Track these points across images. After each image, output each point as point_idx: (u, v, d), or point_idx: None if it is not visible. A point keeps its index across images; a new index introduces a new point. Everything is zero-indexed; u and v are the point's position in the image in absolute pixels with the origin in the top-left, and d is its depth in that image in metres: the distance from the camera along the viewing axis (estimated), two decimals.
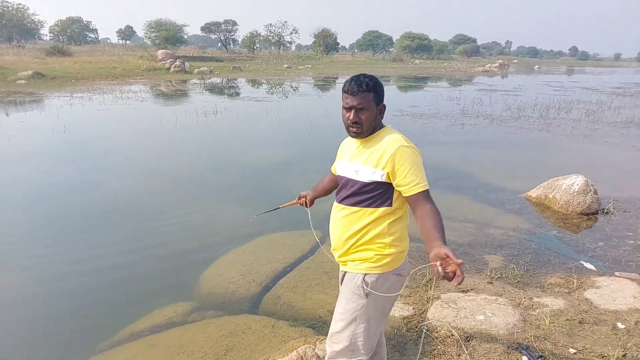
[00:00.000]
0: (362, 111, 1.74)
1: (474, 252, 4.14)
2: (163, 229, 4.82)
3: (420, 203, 1.68)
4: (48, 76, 20.82)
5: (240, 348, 2.74)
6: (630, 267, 3.86)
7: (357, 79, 1.75)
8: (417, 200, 1.68)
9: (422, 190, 1.67)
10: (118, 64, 27.80)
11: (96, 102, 14.09)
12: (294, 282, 3.57)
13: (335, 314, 1.89)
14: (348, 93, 1.75)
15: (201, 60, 36.73)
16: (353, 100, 1.74)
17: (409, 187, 1.68)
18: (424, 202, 1.67)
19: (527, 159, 8.32)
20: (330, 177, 2.21)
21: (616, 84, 29.63)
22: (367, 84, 1.74)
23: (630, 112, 14.07)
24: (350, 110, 1.76)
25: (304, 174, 6.74)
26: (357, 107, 1.74)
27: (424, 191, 1.68)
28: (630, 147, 9.13)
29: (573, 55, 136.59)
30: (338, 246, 1.88)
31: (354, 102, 1.74)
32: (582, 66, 73.94)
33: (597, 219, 5.04)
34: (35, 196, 5.66)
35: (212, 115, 12.18)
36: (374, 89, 1.75)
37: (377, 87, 1.77)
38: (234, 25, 60.01)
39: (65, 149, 8.22)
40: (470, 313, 2.99)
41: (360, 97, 1.73)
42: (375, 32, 74.01)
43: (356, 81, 1.74)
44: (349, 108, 1.76)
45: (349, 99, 1.75)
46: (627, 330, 2.83)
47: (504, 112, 13.80)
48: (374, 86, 1.75)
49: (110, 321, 3.16)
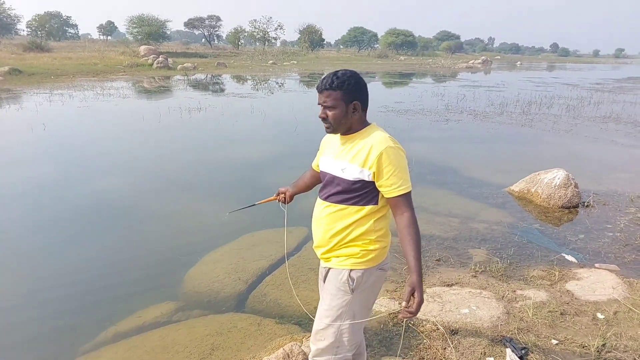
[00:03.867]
0: (329, 109, 1.75)
1: (458, 246, 4.18)
2: (146, 228, 4.76)
3: (399, 208, 1.69)
4: (26, 72, 20.29)
5: (226, 347, 2.72)
6: (610, 258, 3.96)
7: (328, 76, 1.74)
8: (397, 203, 1.69)
9: (403, 193, 1.68)
10: (99, 60, 27.28)
11: (77, 99, 13.80)
12: (280, 279, 3.56)
13: (320, 310, 1.88)
14: (317, 89, 1.78)
15: (185, 56, 36.27)
16: (320, 97, 1.76)
17: (391, 189, 1.68)
18: (403, 208, 1.68)
19: (510, 153, 8.44)
20: (311, 172, 2.19)
21: (595, 79, 30.27)
22: (333, 81, 1.71)
23: (608, 107, 14.39)
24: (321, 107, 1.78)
25: (293, 170, 6.70)
26: (323, 105, 1.76)
27: (405, 194, 1.68)
28: (609, 141, 9.33)
29: (554, 51, 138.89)
30: (322, 243, 1.86)
31: (320, 99, 1.76)
32: (563, 62, 75.25)
33: (577, 212, 5.14)
34: (14, 196, 5.52)
35: (197, 111, 12.05)
36: (341, 87, 1.70)
37: (347, 84, 1.70)
38: (218, 20, 59.46)
39: (45, 147, 8.03)
40: (455, 306, 3.03)
41: (325, 94, 1.73)
42: (361, 29, 74.13)
43: (326, 78, 1.74)
44: (319, 104, 1.79)
45: (319, 96, 1.78)
46: (607, 321, 2.90)
47: (487, 108, 13.97)
48: (342, 84, 1.70)
49: (92, 322, 3.10)
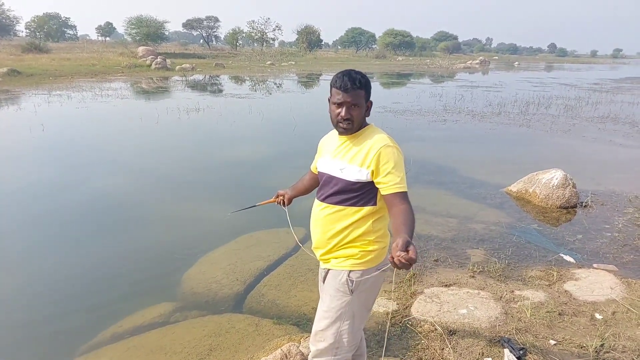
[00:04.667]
0: (354, 108, 1.71)
1: (456, 246, 4.18)
2: (144, 228, 4.75)
3: (396, 202, 1.65)
4: (24, 73, 20.26)
5: (223, 347, 2.72)
6: (608, 258, 3.96)
7: (349, 75, 1.71)
8: (394, 199, 1.66)
9: (400, 190, 1.66)
10: (97, 61, 27.26)
11: (75, 100, 13.78)
12: (278, 279, 3.56)
13: (319, 311, 1.87)
14: (340, 89, 1.70)
15: (183, 57, 36.24)
16: (346, 96, 1.70)
17: (388, 186, 1.66)
18: (400, 202, 1.65)
19: (508, 154, 8.45)
20: (310, 175, 2.19)
21: (593, 80, 30.33)
22: (360, 80, 1.71)
23: (606, 108, 14.42)
24: (342, 107, 1.72)
25: (292, 170, 6.70)
26: (349, 104, 1.71)
27: (402, 192, 1.66)
28: (607, 141, 9.35)
29: (552, 52, 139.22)
30: (321, 245, 1.86)
31: (346, 98, 1.70)
32: (561, 63, 75.36)
33: (575, 212, 5.15)
34: (13, 197, 5.50)
35: (195, 112, 12.04)
36: (365, 86, 1.73)
37: (368, 84, 1.75)
38: (216, 21, 59.46)
39: (43, 148, 8.01)
40: (453, 307, 3.02)
41: (353, 94, 1.70)
42: (359, 29, 74.24)
43: (349, 77, 1.70)
44: (340, 104, 1.72)
45: (341, 95, 1.70)
46: (605, 321, 2.90)
47: (485, 108, 13.98)
48: (366, 83, 1.74)
49: (91, 323, 3.09)
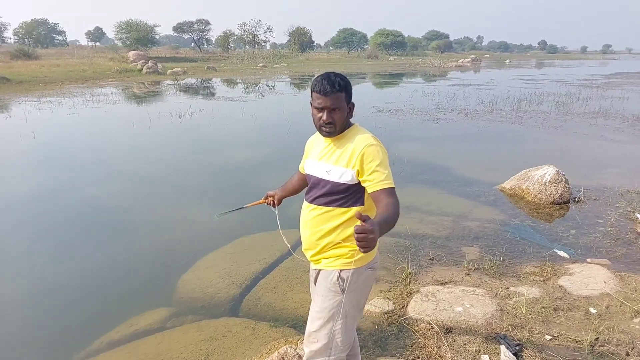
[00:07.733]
0: (335, 111, 1.71)
1: (451, 244, 4.20)
2: (139, 233, 4.72)
3: (382, 198, 1.63)
4: (14, 80, 20.07)
5: (220, 352, 2.71)
6: (601, 253, 3.99)
7: (328, 79, 1.70)
8: (380, 195, 1.64)
9: (386, 187, 1.65)
10: (88, 66, 27.06)
11: (66, 107, 13.67)
12: (274, 282, 3.55)
13: (312, 312, 1.87)
14: (320, 93, 1.70)
15: (174, 61, 36.11)
16: (326, 100, 1.69)
17: (374, 183, 1.66)
18: (385, 197, 1.63)
19: (501, 151, 8.49)
20: (299, 175, 2.20)
21: (584, 76, 30.60)
22: (339, 83, 1.70)
23: (597, 103, 14.54)
24: (323, 111, 1.72)
25: (289, 172, 6.66)
26: (330, 108, 1.70)
27: (389, 188, 1.65)
28: (598, 137, 9.43)
29: (542, 48, 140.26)
30: (310, 246, 1.87)
31: (327, 102, 1.69)
32: (551, 59, 76.00)
33: (568, 208, 5.19)
34: (6, 204, 5.45)
35: (187, 116, 11.99)
36: (345, 88, 1.73)
37: (348, 86, 1.75)
38: (207, 24, 59.33)
39: (35, 155, 7.95)
40: (449, 305, 3.03)
41: (333, 97, 1.69)
42: (350, 30, 74.36)
43: (328, 81, 1.69)
44: (321, 108, 1.72)
45: (321, 100, 1.70)
46: (599, 315, 2.92)
47: (478, 106, 14.06)
48: (345, 85, 1.73)
49: (86, 330, 3.07)
